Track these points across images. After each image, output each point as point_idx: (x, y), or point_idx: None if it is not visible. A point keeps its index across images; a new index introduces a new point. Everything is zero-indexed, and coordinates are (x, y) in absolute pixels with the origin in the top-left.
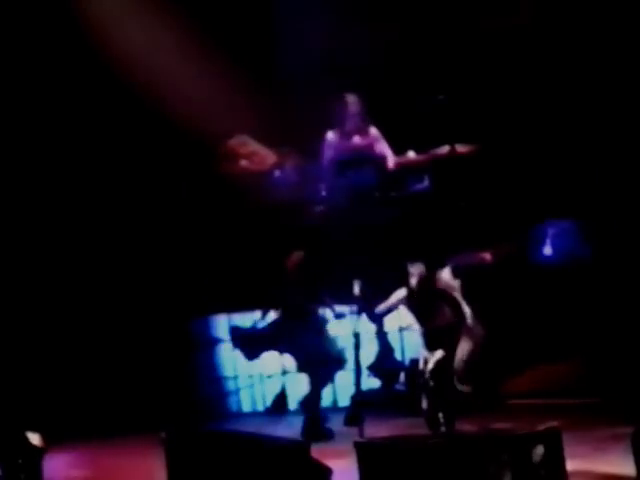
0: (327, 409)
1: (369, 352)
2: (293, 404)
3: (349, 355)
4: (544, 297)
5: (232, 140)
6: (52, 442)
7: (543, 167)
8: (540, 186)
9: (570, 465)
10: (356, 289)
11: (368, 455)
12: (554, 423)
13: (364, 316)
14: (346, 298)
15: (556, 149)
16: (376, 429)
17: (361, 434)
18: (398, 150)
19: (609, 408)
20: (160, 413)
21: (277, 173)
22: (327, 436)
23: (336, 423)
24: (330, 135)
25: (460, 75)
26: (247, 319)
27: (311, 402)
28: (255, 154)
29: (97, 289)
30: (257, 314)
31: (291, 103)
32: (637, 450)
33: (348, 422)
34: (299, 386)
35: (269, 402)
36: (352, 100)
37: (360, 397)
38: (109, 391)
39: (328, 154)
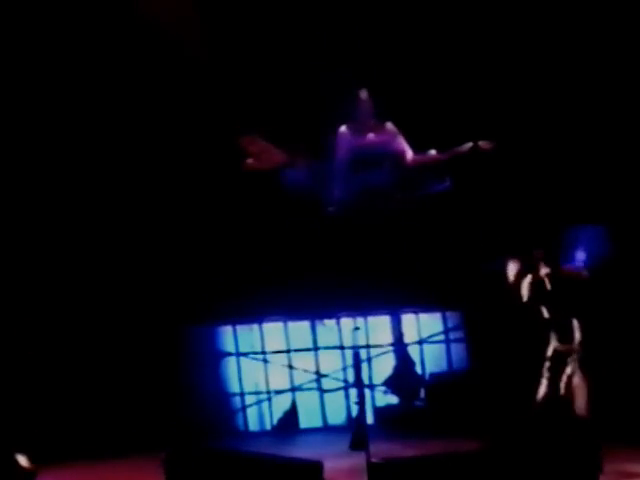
0: (319, 429)
1: (386, 366)
2: (304, 422)
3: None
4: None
5: (241, 138)
6: (48, 463)
7: (572, 170)
8: (568, 189)
9: None
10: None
11: (381, 476)
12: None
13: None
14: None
15: (586, 151)
16: (392, 448)
17: (368, 457)
18: (418, 148)
19: None
20: (163, 432)
21: (288, 172)
22: None
23: (330, 443)
24: (343, 131)
25: (489, 70)
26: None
27: None
28: (264, 152)
29: (94, 304)
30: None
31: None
32: None
33: (353, 446)
34: (311, 402)
35: (278, 419)
36: (366, 96)
37: (363, 420)
38: (109, 410)
39: (341, 151)
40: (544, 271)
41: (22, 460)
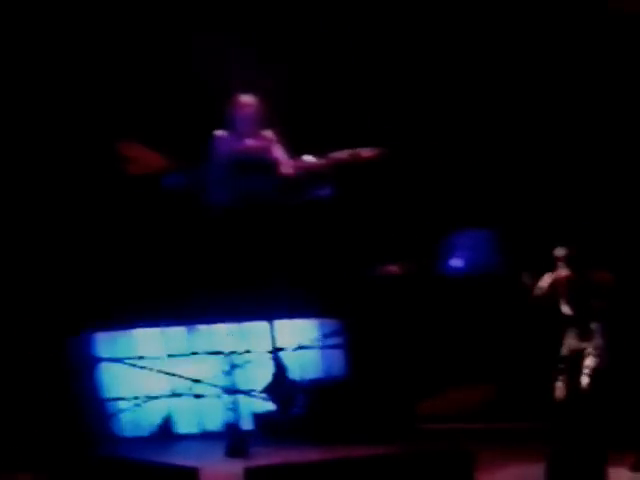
0: (195, 435)
1: (263, 372)
2: (181, 428)
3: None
4: (454, 312)
5: (119, 144)
6: None
7: (454, 173)
8: (450, 193)
9: None
10: None
11: None
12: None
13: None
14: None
15: (467, 154)
16: (270, 455)
17: (245, 464)
18: (296, 154)
19: (525, 434)
20: (44, 443)
21: (167, 177)
22: None
23: (207, 449)
24: (220, 135)
25: (362, 70)
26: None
27: None
28: (142, 157)
29: None
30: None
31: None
32: None
33: (231, 453)
34: (188, 408)
35: (154, 426)
36: (246, 101)
37: (239, 425)
38: None
39: (218, 156)
40: (564, 272)
41: None
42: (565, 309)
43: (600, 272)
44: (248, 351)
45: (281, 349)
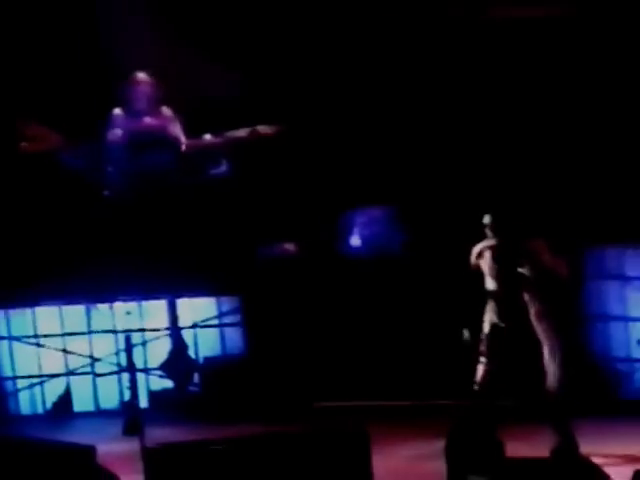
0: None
1: (161, 350)
2: (77, 406)
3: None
4: (352, 290)
5: (17, 121)
6: None
7: (352, 150)
8: (348, 171)
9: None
10: None
11: (156, 461)
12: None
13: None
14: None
15: (366, 130)
16: (166, 433)
17: (142, 442)
18: (194, 133)
19: (424, 411)
20: None
21: (64, 155)
22: None
23: (104, 427)
24: (116, 114)
25: (263, 52)
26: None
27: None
28: (39, 135)
29: None
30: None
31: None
32: (449, 459)
33: (127, 431)
34: (85, 387)
35: (52, 404)
36: (143, 79)
37: (136, 403)
38: None
39: (114, 134)
40: (490, 242)
41: None
42: (489, 281)
43: (533, 241)
44: (146, 329)
45: (179, 327)
